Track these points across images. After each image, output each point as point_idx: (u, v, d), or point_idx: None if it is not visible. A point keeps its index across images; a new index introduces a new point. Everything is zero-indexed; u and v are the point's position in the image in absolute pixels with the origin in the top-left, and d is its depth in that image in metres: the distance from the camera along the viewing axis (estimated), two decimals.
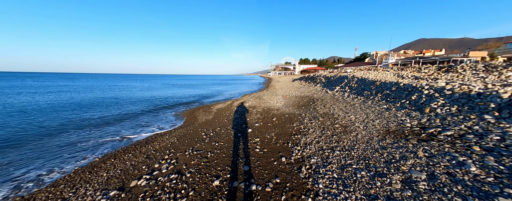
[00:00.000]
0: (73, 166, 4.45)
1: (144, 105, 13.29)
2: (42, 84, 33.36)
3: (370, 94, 9.59)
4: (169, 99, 16.06)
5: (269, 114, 8.51)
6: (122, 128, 7.72)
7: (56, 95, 17.19)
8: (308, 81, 23.11)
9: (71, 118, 9.17)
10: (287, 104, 10.84)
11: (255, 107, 10.39)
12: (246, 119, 7.74)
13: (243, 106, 11.05)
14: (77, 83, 38.68)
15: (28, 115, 9.54)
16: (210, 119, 8.49)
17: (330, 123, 6.16)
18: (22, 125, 7.86)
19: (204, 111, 10.63)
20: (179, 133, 6.43)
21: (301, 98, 12.73)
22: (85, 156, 4.99)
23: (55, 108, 11.65)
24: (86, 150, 5.37)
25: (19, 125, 7.78)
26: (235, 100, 14.39)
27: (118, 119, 9.22)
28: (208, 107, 11.85)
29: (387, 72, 14.78)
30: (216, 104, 12.94)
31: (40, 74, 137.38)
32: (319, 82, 18.70)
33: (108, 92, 21.54)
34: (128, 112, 10.64)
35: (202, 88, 28.43)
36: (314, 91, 15.32)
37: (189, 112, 10.41)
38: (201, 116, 9.36)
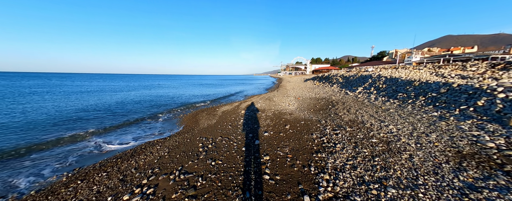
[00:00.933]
0: (25, 188, 3.52)
1: (146, 105, 12.65)
2: (60, 83, 35.23)
3: (408, 98, 7.80)
4: (174, 100, 15.37)
5: (281, 119, 7.17)
6: (113, 134, 6.88)
7: (67, 95, 17.43)
8: (322, 81, 21.25)
9: (59, 120, 8.63)
10: (301, 107, 9.39)
11: (265, 110, 9.10)
12: (253, 125, 6.49)
13: (251, 108, 9.83)
14: (93, 83, 40.38)
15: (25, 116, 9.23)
16: (212, 123, 7.38)
17: (364, 135, 4.67)
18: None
19: (208, 113, 9.59)
20: (173, 143, 5.36)
21: (317, 100, 11.18)
22: (47, 173, 4.07)
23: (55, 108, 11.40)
24: (58, 162, 4.48)
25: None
26: (243, 102, 13.23)
27: (113, 121, 8.49)
28: (213, 109, 10.81)
29: (420, 70, 12.60)
30: (222, 106, 11.87)
31: (66, 75, 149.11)
32: (336, 83, 16.86)
33: (117, 93, 21.63)
34: (126, 113, 9.97)
35: (210, 89, 27.79)
36: (331, 92, 13.61)
37: (191, 115, 9.43)
38: (203, 119, 8.30)
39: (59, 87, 26.86)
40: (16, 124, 7.68)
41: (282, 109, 9.25)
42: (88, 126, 7.54)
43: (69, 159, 4.67)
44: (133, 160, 4.33)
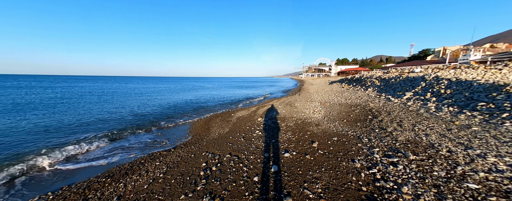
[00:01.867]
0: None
1: (161, 109, 12.58)
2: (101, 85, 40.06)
3: (498, 109, 5.45)
4: (192, 103, 15.19)
5: (305, 131, 5.75)
6: (122, 140, 6.50)
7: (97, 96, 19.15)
8: (353, 84, 18.60)
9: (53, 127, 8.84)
10: (330, 116, 7.73)
11: (285, 119, 7.76)
12: (270, 139, 5.26)
13: (269, 115, 8.60)
14: (129, 85, 44.92)
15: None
16: (224, 133, 6.43)
17: (446, 172, 2.97)
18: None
19: (222, 119, 8.74)
20: (175, 158, 4.53)
21: (349, 107, 9.26)
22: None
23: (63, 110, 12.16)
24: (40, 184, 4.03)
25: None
26: (261, 106, 12.10)
27: (116, 127, 8.30)
28: (228, 114, 9.95)
29: (501, 71, 9.38)
30: (238, 111, 10.95)
31: (111, 78, 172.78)
32: (371, 86, 14.30)
33: (141, 95, 22.96)
34: (135, 117, 9.86)
35: (229, 91, 27.55)
36: (367, 98, 11.37)
37: (204, 121, 8.70)
38: (215, 127, 7.44)
39: (105, 89, 30.31)
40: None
41: (306, 117, 7.77)
42: (105, 128, 7.47)
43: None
44: (123, 181, 3.59)
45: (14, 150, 5.28)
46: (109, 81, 62.69)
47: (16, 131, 6.97)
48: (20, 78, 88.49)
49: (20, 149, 5.32)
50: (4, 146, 5.56)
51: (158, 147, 5.67)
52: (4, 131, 6.92)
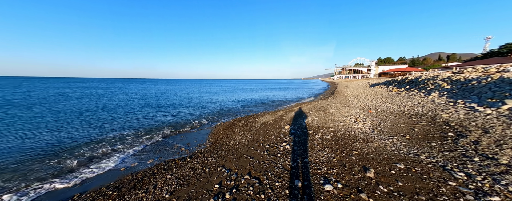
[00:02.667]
0: None
1: (187, 110, 12.76)
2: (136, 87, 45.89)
3: None
4: (214, 105, 15.13)
5: (351, 150, 4.31)
6: (140, 146, 6.44)
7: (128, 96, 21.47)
8: (405, 86, 15.12)
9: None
10: (382, 128, 5.91)
11: (319, 128, 6.37)
12: (302, 158, 4.09)
13: (298, 123, 7.34)
14: (151, 86, 50.24)
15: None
16: (245, 142, 5.58)
17: None
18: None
19: (245, 124, 7.97)
20: (188, 171, 3.92)
21: (409, 117, 7.05)
22: None
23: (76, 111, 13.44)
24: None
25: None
26: (288, 110, 10.84)
27: (147, 127, 8.44)
28: (252, 119, 9.14)
29: None
30: (263, 115, 10.02)
31: (139, 80, 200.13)
32: (436, 90, 11.07)
33: (168, 95, 24.72)
34: (164, 117, 10.07)
35: (253, 93, 27.02)
36: (431, 105, 8.65)
37: (226, 126, 8.10)
38: (237, 133, 6.70)
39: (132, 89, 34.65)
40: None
41: (347, 128, 6.18)
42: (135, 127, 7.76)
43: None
44: (128, 198, 3.11)
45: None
46: (145, 83, 72.41)
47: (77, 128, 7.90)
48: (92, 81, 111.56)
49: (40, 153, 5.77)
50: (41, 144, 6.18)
51: (175, 154, 5.26)
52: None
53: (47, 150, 5.43)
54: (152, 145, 6.01)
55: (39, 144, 5.88)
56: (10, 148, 5.48)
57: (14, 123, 8.25)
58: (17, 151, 5.28)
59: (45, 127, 7.71)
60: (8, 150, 5.36)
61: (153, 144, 6.09)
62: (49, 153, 5.23)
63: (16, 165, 4.50)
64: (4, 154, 5.10)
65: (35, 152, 5.29)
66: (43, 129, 7.50)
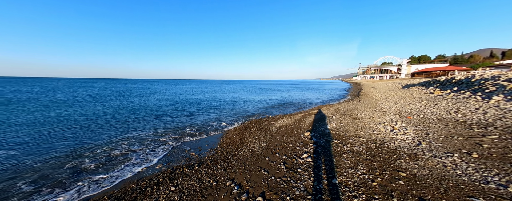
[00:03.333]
0: None
1: (199, 111, 12.64)
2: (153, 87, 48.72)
3: None
4: (230, 106, 14.82)
5: (395, 171, 3.32)
6: (152, 148, 6.27)
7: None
8: (451, 88, 12.65)
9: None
10: (431, 139, 4.64)
11: (346, 136, 5.37)
12: (329, 178, 3.26)
13: (320, 128, 6.40)
14: (178, 86, 52.55)
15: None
16: (259, 150, 4.95)
17: None
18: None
19: (259, 129, 7.33)
20: (192, 185, 3.46)
21: (468, 127, 5.53)
22: None
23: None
24: None
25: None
26: (307, 114, 9.85)
27: (163, 128, 8.36)
28: (267, 122, 8.46)
29: None
30: (279, 118, 9.25)
31: (165, 80, 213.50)
32: (499, 92, 8.84)
33: (183, 96, 25.36)
34: (180, 118, 9.99)
35: (270, 94, 26.22)
36: (499, 112, 6.77)
37: (240, 129, 7.57)
38: (250, 139, 6.10)
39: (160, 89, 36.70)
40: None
41: (383, 139, 5.07)
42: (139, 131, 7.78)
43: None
44: None
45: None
46: (169, 83, 77.06)
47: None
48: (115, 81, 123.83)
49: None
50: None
51: (184, 160, 4.89)
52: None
53: (63, 151, 5.60)
54: (164, 148, 5.78)
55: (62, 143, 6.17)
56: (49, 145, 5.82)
57: (73, 119, 9.07)
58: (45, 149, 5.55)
59: (73, 126, 8.25)
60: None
61: (165, 147, 5.87)
62: (64, 154, 5.37)
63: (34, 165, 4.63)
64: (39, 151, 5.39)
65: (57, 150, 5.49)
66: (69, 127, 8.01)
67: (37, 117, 9.56)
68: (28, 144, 5.82)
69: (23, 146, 5.64)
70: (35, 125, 7.91)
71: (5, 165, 4.46)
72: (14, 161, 4.69)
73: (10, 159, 4.78)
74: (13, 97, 17.16)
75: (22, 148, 5.51)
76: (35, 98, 16.89)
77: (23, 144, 5.81)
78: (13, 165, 4.49)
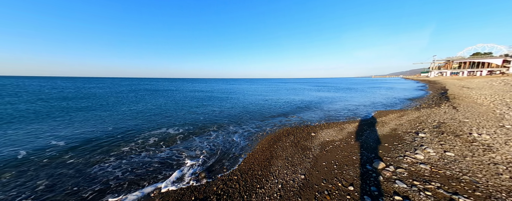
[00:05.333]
0: None
1: (225, 113, 11.47)
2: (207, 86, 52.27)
3: None
4: (255, 108, 13.11)
5: None
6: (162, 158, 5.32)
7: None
8: None
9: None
10: None
11: (475, 186, 2.56)
12: None
13: (397, 150, 3.73)
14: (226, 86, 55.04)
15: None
16: (293, 188, 3.01)
17: None
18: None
19: (295, 143, 5.29)
20: None
21: None
22: None
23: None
24: None
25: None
26: (363, 122, 6.87)
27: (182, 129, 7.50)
28: (306, 133, 6.27)
29: None
30: (322, 128, 6.81)
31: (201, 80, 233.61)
32: None
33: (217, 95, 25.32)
34: (206, 118, 9.05)
35: (307, 94, 22.84)
36: None
37: (267, 142, 5.72)
38: (281, 160, 4.21)
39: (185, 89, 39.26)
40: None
41: None
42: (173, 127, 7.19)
43: None
44: None
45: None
46: (206, 82, 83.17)
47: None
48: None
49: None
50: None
51: (190, 178, 3.57)
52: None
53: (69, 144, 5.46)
54: (171, 162, 4.72)
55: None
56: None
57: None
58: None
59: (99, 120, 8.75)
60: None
61: (173, 162, 4.82)
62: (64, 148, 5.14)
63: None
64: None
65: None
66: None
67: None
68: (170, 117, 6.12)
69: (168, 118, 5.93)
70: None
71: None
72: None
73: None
74: (89, 93, 22.01)
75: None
76: (108, 94, 20.95)
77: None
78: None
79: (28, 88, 25.49)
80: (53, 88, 27.86)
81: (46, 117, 8.92)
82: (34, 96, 16.93)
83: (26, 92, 20.50)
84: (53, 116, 9.26)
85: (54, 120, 8.45)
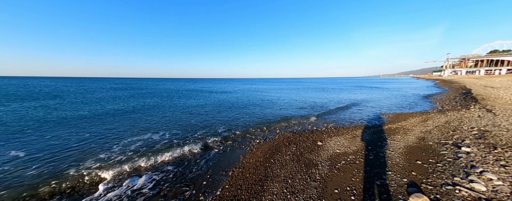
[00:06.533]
0: None
1: (231, 115, 10.46)
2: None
3: None
4: (255, 110, 12.06)
5: None
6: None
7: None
8: None
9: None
10: None
11: None
12: None
13: (434, 171, 2.54)
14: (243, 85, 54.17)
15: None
16: None
17: None
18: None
19: (297, 155, 4.23)
20: None
21: None
22: None
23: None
24: None
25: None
26: (378, 128, 5.67)
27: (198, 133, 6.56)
28: (311, 141, 5.17)
29: None
30: (331, 134, 5.67)
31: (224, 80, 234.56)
32: None
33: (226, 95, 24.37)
34: (207, 124, 8.07)
35: (317, 94, 21.54)
36: None
37: (262, 154, 4.66)
38: (278, 182, 3.16)
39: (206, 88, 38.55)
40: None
41: None
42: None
43: None
44: None
45: None
46: (221, 82, 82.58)
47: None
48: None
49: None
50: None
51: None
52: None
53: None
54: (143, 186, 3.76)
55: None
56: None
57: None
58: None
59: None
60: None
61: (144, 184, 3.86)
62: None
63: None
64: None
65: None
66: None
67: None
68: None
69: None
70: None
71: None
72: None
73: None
74: (122, 94, 21.58)
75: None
76: (158, 92, 20.44)
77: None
78: None
79: (59, 90, 23.20)
80: (89, 89, 27.38)
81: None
82: (78, 97, 15.84)
83: (64, 93, 18.75)
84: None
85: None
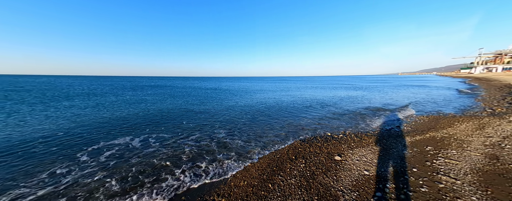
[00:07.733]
0: None
1: (237, 116, 9.33)
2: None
3: None
4: (275, 110, 10.82)
5: None
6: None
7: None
8: None
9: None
10: None
11: None
12: None
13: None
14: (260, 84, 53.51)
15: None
16: None
17: None
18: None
19: (306, 179, 3.01)
20: None
21: None
22: None
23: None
24: None
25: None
26: (414, 135, 4.20)
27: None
28: (327, 152, 3.92)
29: None
30: (352, 147, 4.31)
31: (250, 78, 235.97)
32: None
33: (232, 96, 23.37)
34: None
35: (327, 94, 19.73)
36: None
37: (259, 173, 3.48)
38: None
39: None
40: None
41: None
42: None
43: None
44: None
45: None
46: (239, 81, 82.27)
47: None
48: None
49: None
50: None
51: None
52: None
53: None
54: None
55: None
56: None
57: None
58: None
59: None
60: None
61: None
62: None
63: None
64: None
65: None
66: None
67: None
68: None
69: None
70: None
71: None
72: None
73: None
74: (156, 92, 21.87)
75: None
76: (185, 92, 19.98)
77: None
78: None
79: (85, 88, 22.90)
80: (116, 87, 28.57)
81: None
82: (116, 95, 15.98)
83: (91, 92, 18.49)
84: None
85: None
